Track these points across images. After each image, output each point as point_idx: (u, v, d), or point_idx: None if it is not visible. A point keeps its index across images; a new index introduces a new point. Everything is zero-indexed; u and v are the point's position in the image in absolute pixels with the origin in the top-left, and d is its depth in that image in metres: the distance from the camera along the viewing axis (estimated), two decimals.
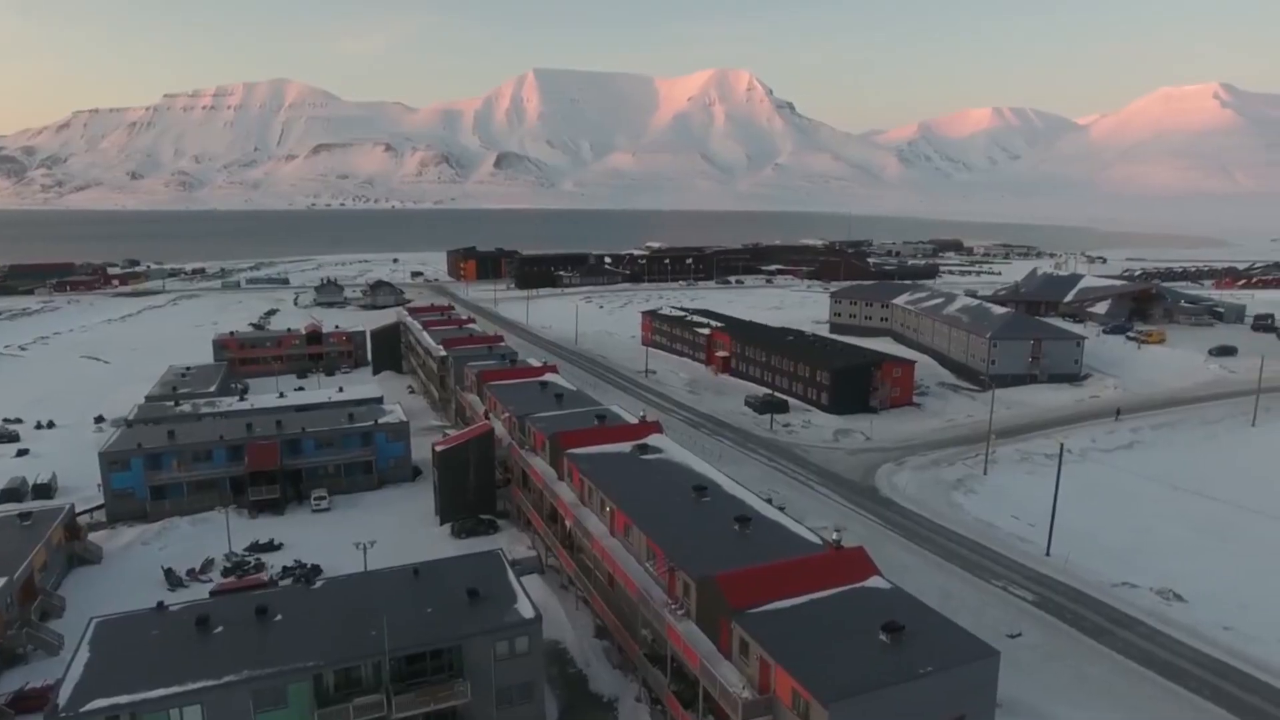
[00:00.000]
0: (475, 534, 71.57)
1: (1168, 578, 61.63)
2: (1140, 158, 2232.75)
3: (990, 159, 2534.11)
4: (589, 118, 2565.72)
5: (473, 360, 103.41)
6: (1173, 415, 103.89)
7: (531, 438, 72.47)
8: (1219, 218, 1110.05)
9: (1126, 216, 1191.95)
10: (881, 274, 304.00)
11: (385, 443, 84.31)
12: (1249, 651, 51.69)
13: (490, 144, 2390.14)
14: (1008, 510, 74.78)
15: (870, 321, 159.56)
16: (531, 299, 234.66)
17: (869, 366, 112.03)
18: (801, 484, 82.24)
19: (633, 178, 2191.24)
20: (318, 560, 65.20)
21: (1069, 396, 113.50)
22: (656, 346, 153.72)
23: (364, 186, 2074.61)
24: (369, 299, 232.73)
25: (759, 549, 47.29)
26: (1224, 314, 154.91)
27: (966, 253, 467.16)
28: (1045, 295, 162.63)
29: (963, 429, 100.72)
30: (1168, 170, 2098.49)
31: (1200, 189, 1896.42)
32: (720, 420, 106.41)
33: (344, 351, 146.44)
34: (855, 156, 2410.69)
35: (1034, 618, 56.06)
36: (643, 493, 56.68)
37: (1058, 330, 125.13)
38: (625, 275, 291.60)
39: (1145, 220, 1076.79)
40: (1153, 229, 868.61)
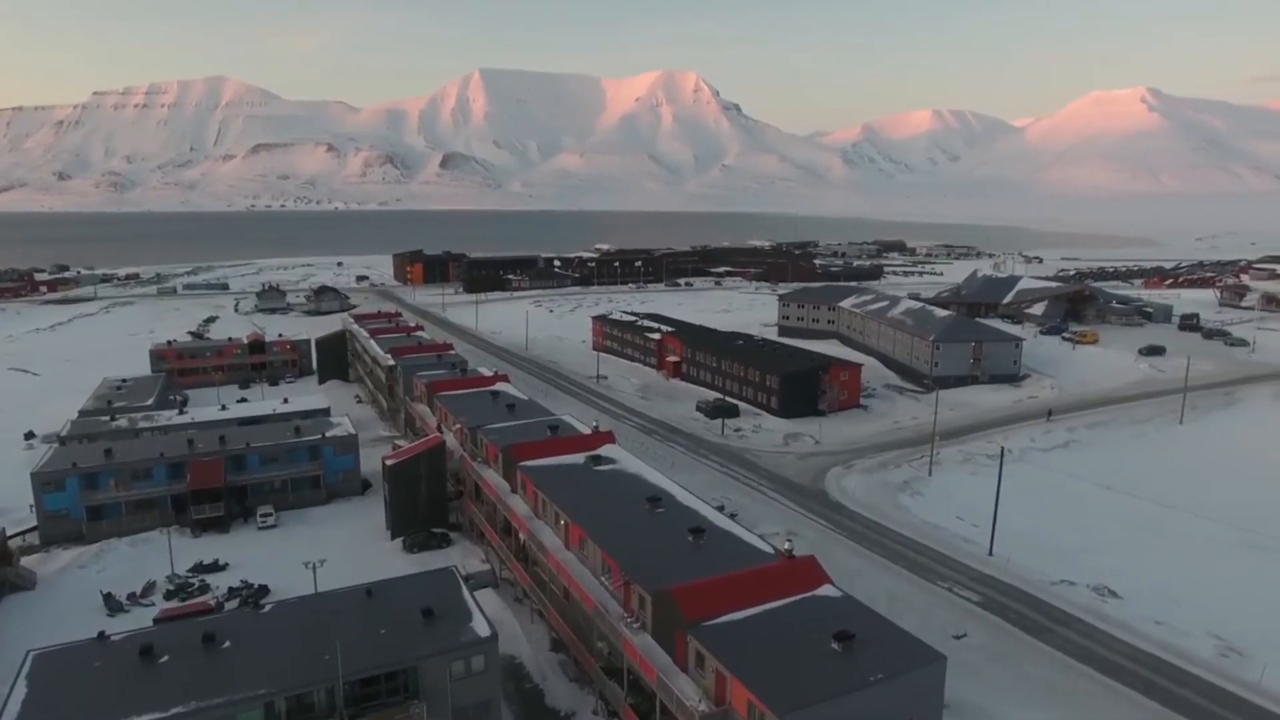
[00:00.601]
0: (427, 548, 70.85)
1: (1103, 574, 64.03)
2: (1073, 160, 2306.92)
3: (931, 160, 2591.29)
4: (536, 118, 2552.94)
5: (422, 369, 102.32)
6: (1106, 414, 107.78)
7: (484, 450, 72.07)
8: (1147, 218, 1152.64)
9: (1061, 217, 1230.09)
10: (828, 275, 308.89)
11: (333, 456, 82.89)
12: (1180, 645, 54.02)
13: (436, 144, 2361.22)
14: (952, 511, 76.81)
15: (818, 324, 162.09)
16: (480, 303, 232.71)
17: (817, 370, 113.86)
18: (753, 489, 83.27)
19: (581, 178, 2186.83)
20: (265, 580, 63.85)
21: (1009, 397, 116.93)
22: (607, 351, 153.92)
23: (306, 187, 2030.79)
24: (313, 305, 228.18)
25: (713, 560, 47.89)
26: (1153, 314, 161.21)
27: (910, 253, 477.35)
28: (985, 297, 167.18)
29: (908, 431, 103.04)
30: (1099, 172, 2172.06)
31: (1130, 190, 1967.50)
32: (672, 426, 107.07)
33: (288, 360, 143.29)
34: (801, 158, 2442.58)
35: (979, 618, 57.75)
36: (597, 505, 56.86)
37: (997, 332, 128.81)
38: (575, 278, 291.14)
39: (1079, 220, 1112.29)
40: (1086, 229, 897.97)
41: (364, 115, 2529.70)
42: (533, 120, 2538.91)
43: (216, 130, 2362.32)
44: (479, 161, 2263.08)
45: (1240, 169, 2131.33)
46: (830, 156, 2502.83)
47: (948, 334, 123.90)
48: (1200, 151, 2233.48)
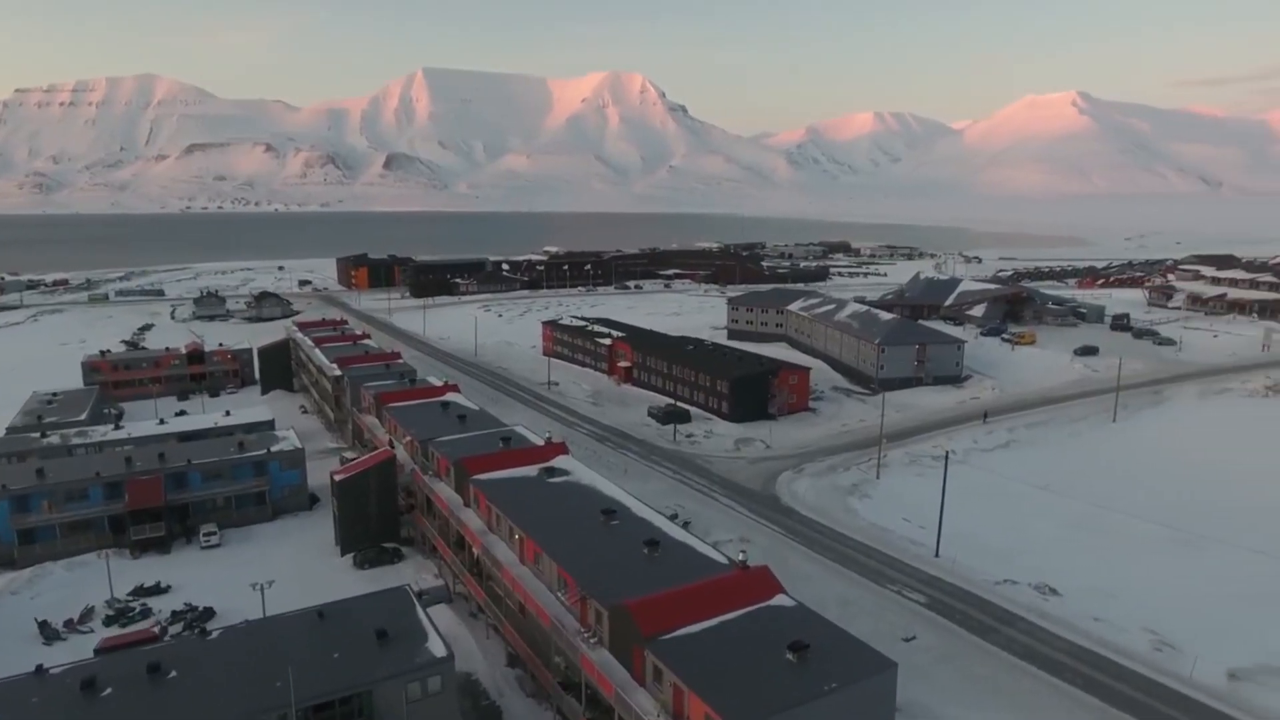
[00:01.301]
0: (379, 564, 69.85)
1: (1044, 573, 66.16)
2: (1009, 161, 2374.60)
3: (873, 161, 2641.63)
4: (481, 118, 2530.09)
5: (370, 380, 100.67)
6: (1044, 414, 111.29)
7: (435, 463, 71.31)
8: (1079, 217, 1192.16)
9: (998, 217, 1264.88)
10: (775, 277, 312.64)
11: (279, 471, 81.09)
12: (1117, 641, 56.13)
13: (379, 144, 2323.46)
14: (900, 513, 78.49)
15: (766, 327, 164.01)
16: (428, 308, 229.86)
17: (767, 374, 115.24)
18: (706, 496, 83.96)
19: (528, 179, 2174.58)
20: (210, 601, 62.22)
21: (952, 398, 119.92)
22: (558, 357, 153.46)
23: (244, 189, 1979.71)
24: (254, 311, 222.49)
25: (668, 572, 48.20)
26: (1086, 314, 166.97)
27: (855, 254, 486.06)
28: (928, 299, 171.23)
29: (856, 433, 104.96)
30: (1033, 173, 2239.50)
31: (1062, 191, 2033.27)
32: (624, 433, 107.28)
33: (229, 371, 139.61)
34: (747, 159, 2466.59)
35: (927, 620, 59.18)
36: (551, 518, 56.77)
37: (940, 335, 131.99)
38: (524, 282, 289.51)
39: (1015, 220, 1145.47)
40: (1022, 228, 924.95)
41: (304, 115, 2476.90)
42: (478, 120, 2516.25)
43: (148, 129, 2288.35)
44: (424, 162, 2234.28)
45: (1165, 170, 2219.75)
46: (775, 158, 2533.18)
47: (892, 337, 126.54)
48: (1127, 153, 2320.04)
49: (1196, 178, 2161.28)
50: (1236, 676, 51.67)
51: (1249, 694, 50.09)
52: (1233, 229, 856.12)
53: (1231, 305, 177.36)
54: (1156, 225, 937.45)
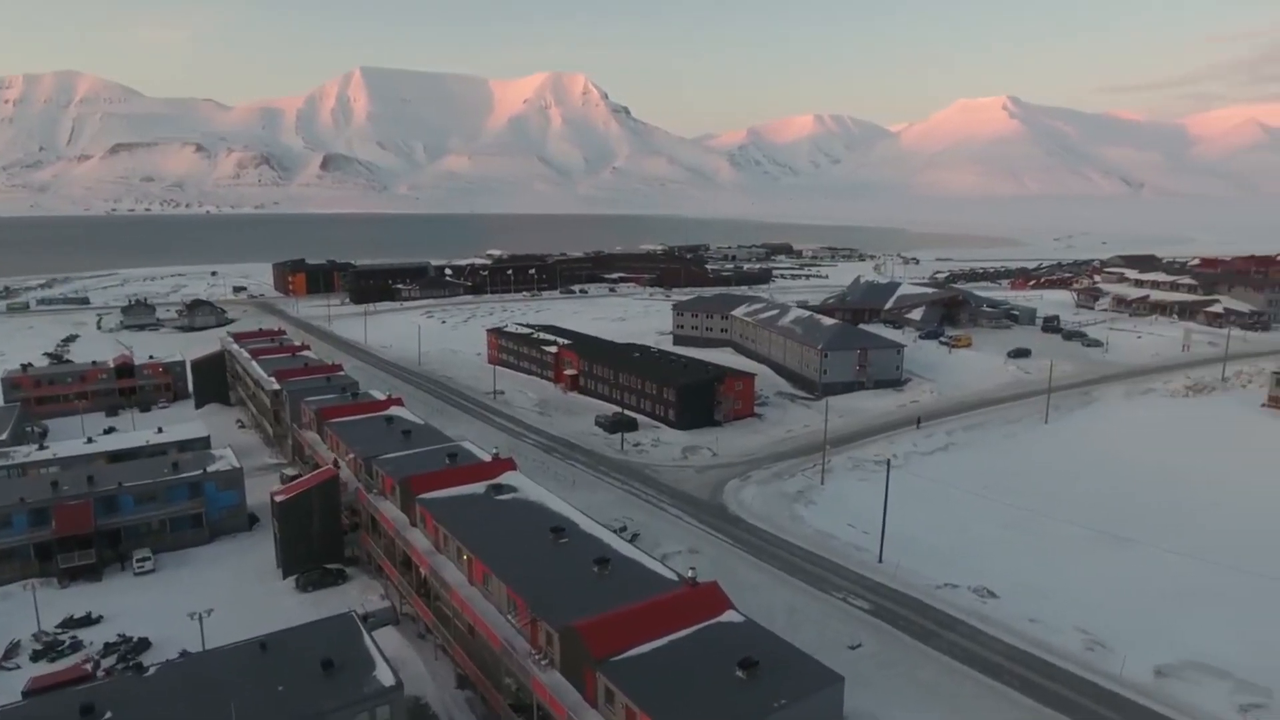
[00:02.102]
0: (322, 586, 68.45)
1: (982, 575, 68.10)
2: (944, 163, 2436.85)
3: (814, 163, 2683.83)
4: (421, 119, 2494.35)
5: (310, 394, 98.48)
6: (980, 417, 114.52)
7: (379, 481, 70.17)
8: (1011, 218, 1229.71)
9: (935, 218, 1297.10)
10: (720, 280, 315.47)
11: (216, 492, 78.81)
12: (1051, 641, 58.11)
13: (315, 145, 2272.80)
14: (845, 519, 79.91)
15: (711, 333, 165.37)
16: (369, 315, 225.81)
17: (713, 381, 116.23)
18: (654, 507, 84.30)
19: (469, 180, 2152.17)
20: (146, 631, 60.19)
21: (892, 402, 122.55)
22: (503, 365, 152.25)
23: (173, 190, 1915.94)
24: (186, 320, 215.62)
25: (618, 591, 48.29)
26: (1019, 316, 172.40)
27: (797, 255, 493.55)
28: (868, 303, 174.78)
29: (801, 439, 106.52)
30: (968, 175, 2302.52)
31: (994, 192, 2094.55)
32: (572, 443, 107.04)
33: (161, 384, 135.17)
34: (689, 160, 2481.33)
35: (871, 627, 60.44)
36: (500, 537, 56.39)
37: (881, 340, 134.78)
38: (467, 287, 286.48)
39: (951, 220, 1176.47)
40: (957, 229, 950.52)
41: (236, 114, 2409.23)
42: (418, 121, 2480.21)
43: (70, 128, 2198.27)
44: (362, 163, 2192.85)
45: (1091, 173, 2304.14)
46: (718, 159, 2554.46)
47: (835, 343, 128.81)
48: (1055, 156, 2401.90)
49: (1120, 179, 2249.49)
50: (1163, 673, 53.98)
51: (1174, 690, 52.37)
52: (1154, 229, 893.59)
53: (1154, 307, 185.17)
54: (1084, 225, 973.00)
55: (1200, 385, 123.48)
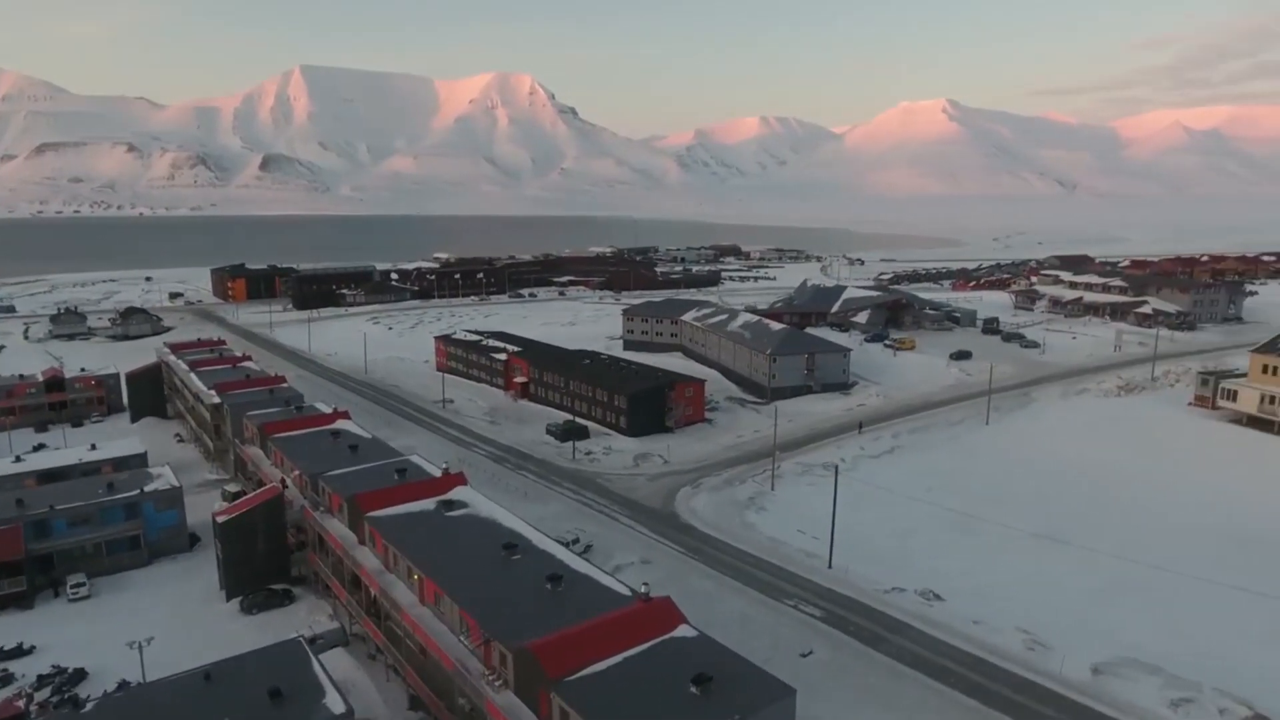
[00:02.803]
0: (268, 607, 66.92)
1: (928, 577, 69.70)
2: (887, 164, 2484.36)
3: (761, 164, 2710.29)
4: (364, 119, 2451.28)
5: (252, 407, 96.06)
6: (925, 419, 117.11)
7: (326, 499, 68.88)
8: (952, 218, 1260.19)
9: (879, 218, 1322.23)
10: (669, 283, 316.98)
11: (154, 512, 76.43)
12: (994, 642, 59.76)
13: (254, 145, 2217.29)
14: (795, 525, 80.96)
15: (661, 338, 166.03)
16: (313, 321, 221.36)
17: (663, 388, 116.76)
18: (607, 517, 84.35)
19: (415, 181, 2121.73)
20: (82, 662, 58.05)
21: (840, 405, 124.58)
22: (452, 373, 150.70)
23: (104, 191, 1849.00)
24: (119, 329, 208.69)
25: (572, 608, 48.21)
26: (960, 319, 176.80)
27: (745, 257, 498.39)
28: (815, 306, 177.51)
29: (751, 444, 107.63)
30: (910, 176, 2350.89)
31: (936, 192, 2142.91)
32: (523, 453, 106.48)
33: (94, 398, 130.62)
34: (637, 161, 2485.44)
35: (822, 634, 61.38)
36: (451, 556, 55.83)
37: (828, 344, 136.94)
38: (414, 292, 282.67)
39: (894, 221, 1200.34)
40: (900, 229, 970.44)
41: (170, 113, 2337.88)
42: (361, 121, 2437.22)
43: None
44: (303, 164, 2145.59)
45: (1026, 174, 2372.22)
46: (666, 160, 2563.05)
47: (783, 347, 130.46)
48: (993, 158, 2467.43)
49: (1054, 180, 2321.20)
50: (1099, 671, 55.94)
51: (1111, 687, 54.33)
52: (1088, 229, 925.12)
53: (1087, 308, 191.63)
54: (1021, 225, 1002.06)
55: (1131, 385, 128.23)
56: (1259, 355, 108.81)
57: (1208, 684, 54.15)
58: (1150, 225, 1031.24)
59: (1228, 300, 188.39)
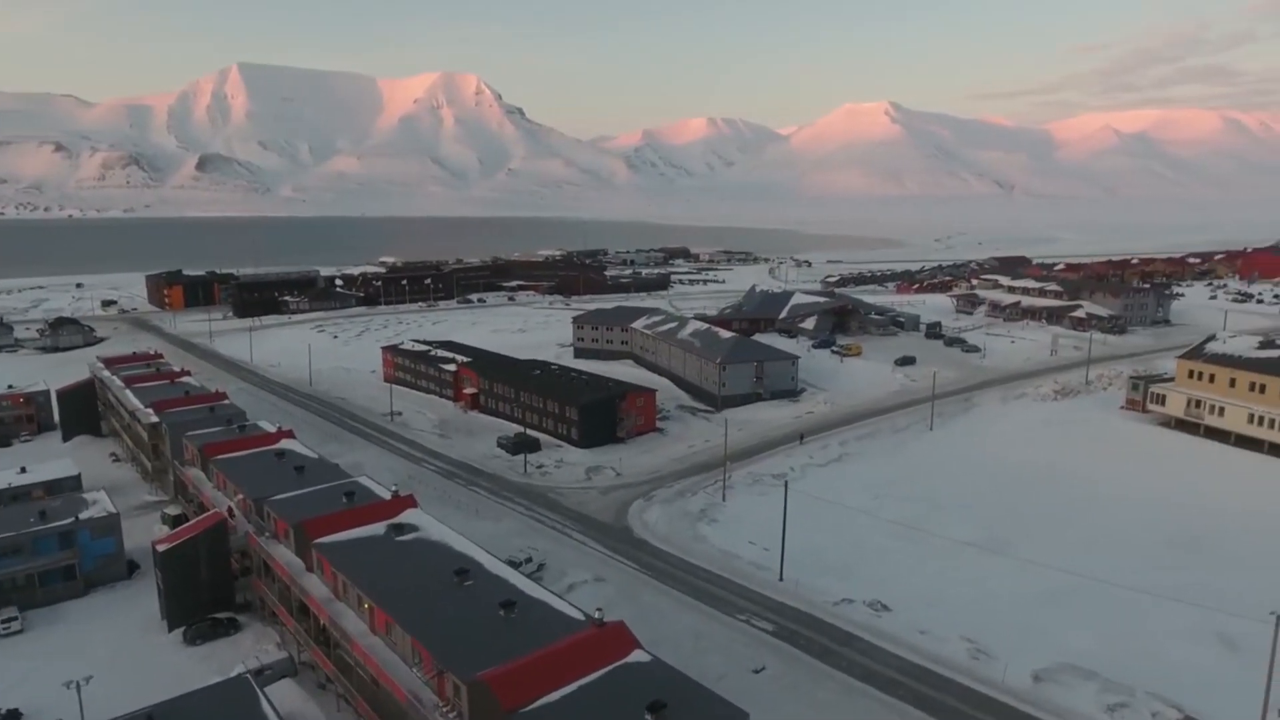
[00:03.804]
0: (213, 637, 65.26)
1: (876, 587, 71.08)
2: (832, 166, 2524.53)
3: (709, 165, 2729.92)
4: (306, 118, 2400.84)
5: (192, 426, 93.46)
6: (871, 426, 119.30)
7: (272, 524, 67.46)
8: (895, 218, 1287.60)
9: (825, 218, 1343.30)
10: (619, 287, 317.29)
11: (90, 540, 73.90)
12: (940, 652, 61.28)
13: (190, 145, 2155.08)
14: (746, 537, 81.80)
15: (611, 345, 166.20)
16: (254, 330, 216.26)
17: (614, 399, 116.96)
18: (559, 533, 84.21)
19: (359, 182, 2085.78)
20: (15, 703, 55.89)
21: (789, 413, 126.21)
22: (400, 384, 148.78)
23: (29, 192, 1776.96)
24: (49, 340, 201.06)
25: (526, 635, 48.07)
26: (904, 323, 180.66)
27: (694, 259, 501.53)
28: (764, 313, 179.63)
29: (702, 454, 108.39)
30: (854, 177, 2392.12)
31: (879, 194, 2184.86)
32: (474, 467, 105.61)
33: (22, 415, 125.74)
34: (586, 162, 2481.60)
35: (774, 649, 62.18)
36: (402, 583, 55.21)
37: (776, 352, 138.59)
38: (360, 298, 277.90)
39: (839, 221, 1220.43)
40: (845, 230, 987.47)
41: (100, 111, 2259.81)
42: (302, 120, 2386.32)
43: None
44: (242, 164, 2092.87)
45: (966, 175, 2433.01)
46: (614, 161, 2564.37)
47: (733, 355, 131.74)
48: (933, 159, 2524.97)
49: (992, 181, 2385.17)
50: (1040, 678, 57.78)
51: (1050, 694, 56.16)
52: (1025, 229, 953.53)
53: (1025, 312, 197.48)
54: (961, 226, 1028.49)
55: (1067, 389, 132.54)
56: (1184, 361, 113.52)
57: (1141, 688, 56.34)
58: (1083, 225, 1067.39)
59: (1156, 304, 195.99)
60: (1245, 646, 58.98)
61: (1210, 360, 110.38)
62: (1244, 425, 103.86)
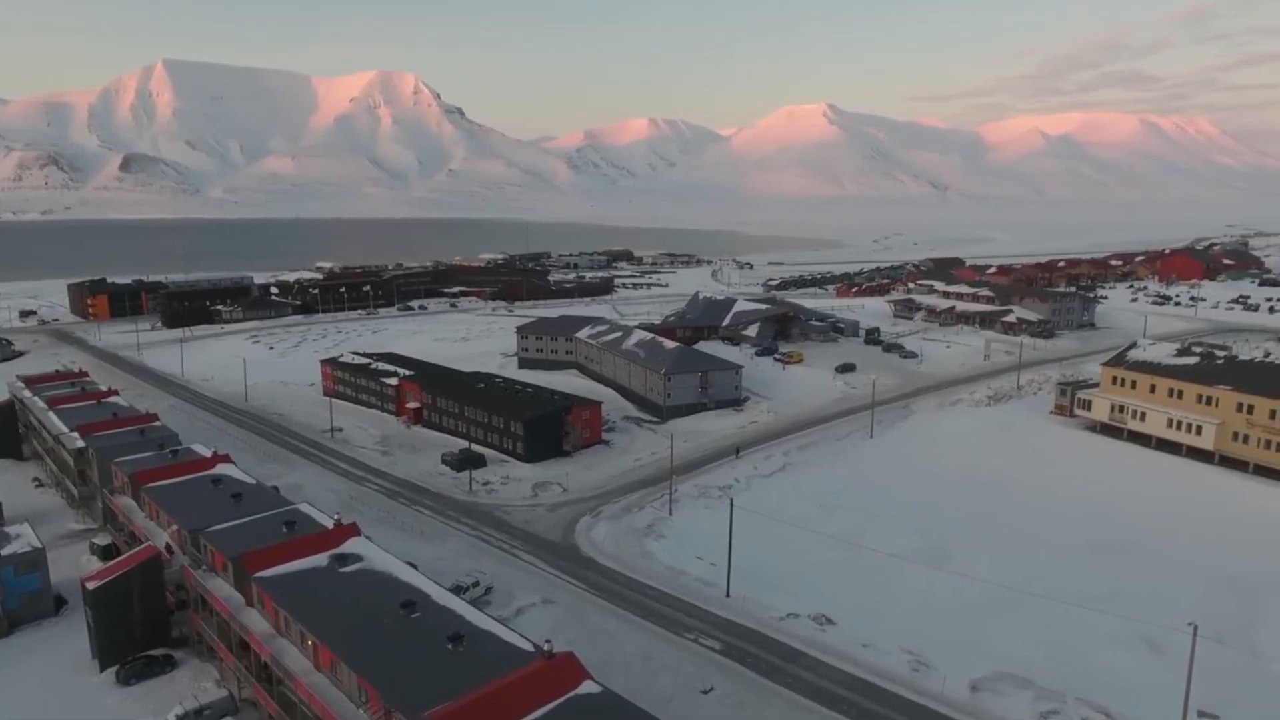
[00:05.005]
0: (147, 676, 63.19)
1: (820, 600, 72.35)
2: (772, 166, 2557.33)
3: (651, 166, 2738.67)
4: (236, 117, 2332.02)
5: (122, 451, 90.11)
6: (814, 435, 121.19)
7: (209, 556, 65.69)
8: (834, 219, 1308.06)
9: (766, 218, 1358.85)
10: (562, 292, 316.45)
11: (14, 578, 70.78)
12: (882, 665, 62.87)
13: (113, 144, 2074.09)
14: (694, 551, 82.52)
15: (556, 355, 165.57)
16: (185, 341, 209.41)
17: (560, 412, 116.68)
18: (506, 553, 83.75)
19: (293, 183, 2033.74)
20: None
21: (733, 423, 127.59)
22: (340, 397, 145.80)
23: None
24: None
25: (474, 669, 47.85)
26: (844, 329, 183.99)
27: (637, 262, 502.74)
28: (707, 320, 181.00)
29: (649, 468, 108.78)
30: (794, 178, 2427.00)
31: (818, 194, 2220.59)
32: (418, 486, 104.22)
33: None
34: (527, 163, 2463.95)
35: (722, 668, 62.94)
36: (346, 617, 54.39)
37: (721, 361, 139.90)
38: (296, 307, 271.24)
39: (780, 222, 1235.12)
40: (786, 231, 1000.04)
41: (15, 108, 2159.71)
42: (233, 119, 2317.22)
43: None
44: (169, 164, 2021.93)
45: (902, 176, 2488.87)
46: (556, 162, 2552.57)
47: (677, 366, 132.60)
48: (870, 160, 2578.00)
49: (927, 182, 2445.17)
50: (977, 688, 59.77)
51: (987, 703, 58.16)
52: (959, 229, 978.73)
53: (959, 316, 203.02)
54: (898, 226, 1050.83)
55: (999, 394, 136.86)
56: (1108, 368, 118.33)
57: (1072, 694, 58.77)
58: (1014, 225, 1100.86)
59: (1082, 308, 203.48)
60: (1169, 649, 61.93)
61: (1132, 367, 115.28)
62: (1164, 429, 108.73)
